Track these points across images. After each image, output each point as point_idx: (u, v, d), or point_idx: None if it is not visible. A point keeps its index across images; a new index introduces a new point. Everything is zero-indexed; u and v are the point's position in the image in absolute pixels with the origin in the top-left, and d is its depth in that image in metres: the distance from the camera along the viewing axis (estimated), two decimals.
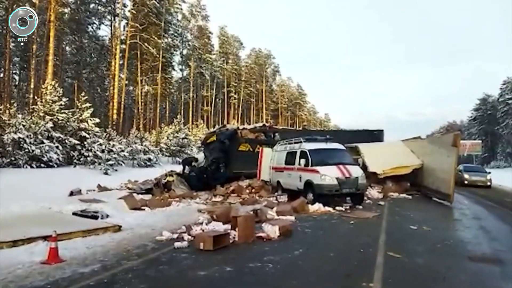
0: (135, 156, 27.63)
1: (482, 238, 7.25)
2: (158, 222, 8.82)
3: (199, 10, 60.47)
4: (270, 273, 5.00)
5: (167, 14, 49.03)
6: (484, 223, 9.02)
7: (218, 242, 6.12)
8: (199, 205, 11.98)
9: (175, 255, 5.89)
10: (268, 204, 10.93)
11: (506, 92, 60.55)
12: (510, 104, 57.68)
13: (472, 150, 56.46)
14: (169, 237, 6.97)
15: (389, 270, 5.00)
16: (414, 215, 9.92)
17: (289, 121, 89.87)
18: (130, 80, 46.33)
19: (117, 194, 12.91)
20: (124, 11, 41.76)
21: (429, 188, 13.79)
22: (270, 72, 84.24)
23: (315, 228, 8.04)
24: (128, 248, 6.32)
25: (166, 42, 48.80)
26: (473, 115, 70.85)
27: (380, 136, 19.92)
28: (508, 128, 57.79)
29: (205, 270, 5.03)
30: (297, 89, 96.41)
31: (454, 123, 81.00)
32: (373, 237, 7.02)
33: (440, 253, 6.06)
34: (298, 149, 12.55)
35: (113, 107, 36.51)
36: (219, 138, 17.53)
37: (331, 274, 5.01)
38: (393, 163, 15.11)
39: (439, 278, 4.81)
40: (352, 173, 11.24)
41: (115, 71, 37.81)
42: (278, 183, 13.70)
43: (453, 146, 12.43)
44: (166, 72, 49.99)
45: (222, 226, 7.49)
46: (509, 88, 59.91)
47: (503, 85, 62.16)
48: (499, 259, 5.66)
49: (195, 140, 39.51)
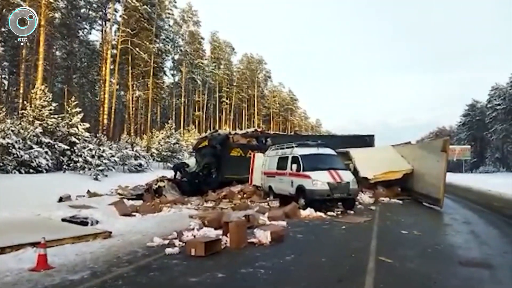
0: (126, 162, 27.40)
1: (472, 243, 7.32)
2: (149, 228, 8.74)
3: (191, 15, 60.61)
4: (262, 279, 4.98)
5: (159, 20, 48.97)
6: (474, 227, 9.10)
7: (209, 248, 6.08)
8: (191, 211, 11.90)
9: (166, 261, 5.83)
10: (260, 209, 10.91)
11: (494, 98, 61.55)
12: (498, 110, 58.63)
13: (461, 155, 57.24)
14: (160, 243, 6.91)
15: (380, 275, 5.01)
16: (405, 219, 9.99)
17: (280, 126, 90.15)
18: (121, 85, 46.06)
19: (107, 200, 12.76)
20: (115, 16, 41.66)
21: (420, 193, 13.91)
22: (261, 78, 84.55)
23: (307, 233, 8.04)
24: (119, 254, 6.24)
25: (157, 47, 48.68)
26: (462, 120, 71.86)
27: (371, 141, 20.07)
28: (497, 133, 58.69)
29: (197, 276, 4.99)
30: (289, 95, 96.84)
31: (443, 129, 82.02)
32: (365, 242, 7.04)
33: (430, 258, 6.10)
34: (289, 154, 12.58)
35: (103, 112, 36.24)
36: (210, 143, 17.50)
37: (322, 280, 5.00)
38: (384, 168, 15.21)
39: (430, 283, 4.84)
40: (344, 178, 11.29)
41: (106, 76, 37.58)
42: (270, 188, 13.69)
43: (442, 151, 12.56)
44: (158, 77, 49.83)
45: (213, 232, 7.45)
46: (497, 94, 60.93)
47: (491, 91, 63.20)
48: (489, 263, 5.70)
49: (187, 145, 39.37)
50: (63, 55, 42.18)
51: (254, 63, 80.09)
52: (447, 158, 12.93)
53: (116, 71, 41.46)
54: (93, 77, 43.81)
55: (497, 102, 59.71)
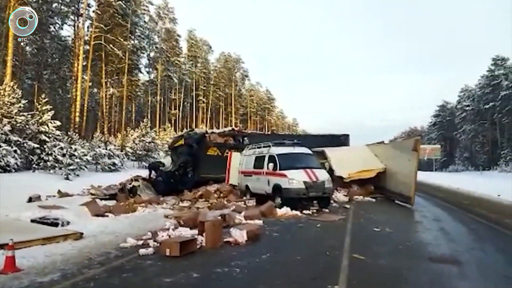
0: (99, 161, 26.73)
1: (442, 240, 7.55)
2: (122, 228, 8.57)
3: (167, 12, 59.73)
4: (237, 278, 4.98)
5: (134, 16, 47.98)
6: (443, 224, 9.41)
7: (185, 248, 6.03)
8: (166, 211, 11.76)
9: (140, 262, 5.74)
10: (236, 208, 10.90)
11: (463, 99, 63.97)
12: (467, 110, 60.96)
13: (432, 154, 59.10)
14: (134, 244, 6.78)
15: (353, 272, 5.12)
16: (377, 217, 10.22)
17: (258, 125, 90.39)
18: (94, 82, 44.87)
19: (79, 200, 12.41)
20: (88, 11, 40.46)
21: (392, 191, 14.26)
22: (239, 77, 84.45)
23: (282, 232, 8.09)
24: (90, 256, 6.09)
25: (132, 44, 47.73)
26: (433, 121, 74.28)
27: (346, 141, 20.42)
28: (465, 133, 61.01)
29: (171, 277, 4.93)
30: (266, 94, 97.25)
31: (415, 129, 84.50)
32: (339, 240, 7.16)
33: (402, 255, 6.27)
34: (266, 153, 12.62)
35: (75, 109, 35.19)
36: (187, 142, 17.31)
37: (297, 278, 5.05)
38: (358, 167, 15.51)
39: (401, 279, 4.98)
40: (319, 177, 11.44)
41: (78, 73, 36.49)
42: (247, 188, 13.69)
43: (413, 150, 12.95)
44: (132, 75, 48.88)
45: (189, 232, 7.39)
46: (466, 95, 63.34)
47: (461, 92, 65.66)
48: (457, 259, 5.91)
49: (162, 144, 38.80)
50: (33, 51, 40.57)
51: (232, 62, 79.86)
52: (418, 157, 13.36)
53: (89, 68, 40.31)
54: (64, 74, 42.39)
55: (466, 103, 62.09)
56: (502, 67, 55.55)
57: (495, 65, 56.69)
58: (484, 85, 57.59)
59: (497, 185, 19.51)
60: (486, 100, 55.94)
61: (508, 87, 51.27)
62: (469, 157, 61.42)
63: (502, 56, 56.43)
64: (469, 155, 61.56)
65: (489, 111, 55.47)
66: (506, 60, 55.60)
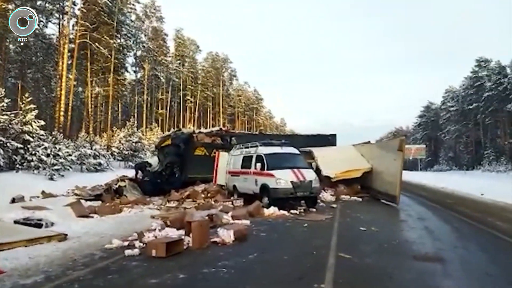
0: (84, 161, 26.38)
1: (426, 238, 7.65)
2: (107, 229, 8.46)
3: (154, 11, 59.10)
4: (224, 278, 4.96)
5: (120, 14, 47.35)
6: (427, 223, 9.55)
7: (171, 249, 5.98)
8: (153, 211, 11.67)
9: (125, 263, 5.67)
10: (223, 208, 10.87)
11: (447, 100, 65.15)
12: (451, 111, 62.09)
13: (417, 154, 60.07)
14: (119, 245, 6.70)
15: (340, 271, 5.15)
16: (363, 216, 10.32)
17: (246, 125, 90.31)
18: (79, 81, 44.14)
19: (64, 201, 12.17)
20: (73, 9, 39.78)
21: (378, 190, 14.42)
22: (227, 76, 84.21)
23: (270, 232, 8.10)
24: (74, 257, 6.00)
25: (118, 43, 47.11)
26: (418, 121, 75.45)
27: (333, 141, 20.57)
28: (450, 133, 62.15)
29: (157, 278, 4.89)
30: (254, 94, 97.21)
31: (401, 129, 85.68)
32: (326, 239, 7.21)
33: (387, 253, 6.35)
34: (254, 153, 12.63)
35: (60, 108, 34.57)
36: (174, 142, 17.22)
37: (284, 277, 5.06)
38: (345, 167, 15.65)
39: (386, 277, 5.04)
40: (306, 177, 11.49)
41: (63, 71, 35.85)
42: (234, 187, 13.68)
43: (399, 150, 13.14)
44: (119, 74, 48.22)
45: (176, 232, 7.32)
46: (451, 96, 64.51)
47: (445, 93, 66.88)
48: (441, 258, 6.00)
49: (149, 144, 38.48)
50: (17, 49, 39.82)
51: (219, 62, 79.60)
52: (403, 157, 13.55)
53: (74, 67, 39.60)
54: (49, 73, 41.69)
55: (450, 104, 63.25)
56: (485, 68, 56.79)
57: (478, 66, 57.90)
58: (468, 86, 58.78)
59: (481, 185, 19.94)
60: (470, 101, 57.10)
61: (491, 88, 52.41)
62: (453, 157, 62.62)
63: (485, 58, 57.77)
64: (453, 155, 62.77)
65: (473, 112, 56.62)
66: (489, 61, 56.89)
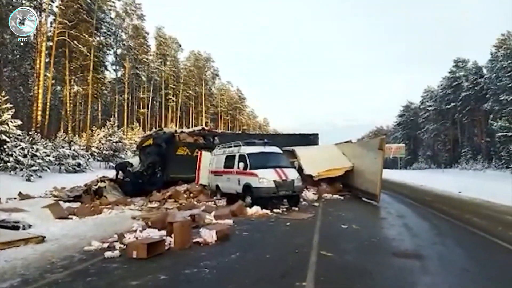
0: (63, 161, 25.83)
1: (405, 235, 7.81)
2: (87, 231, 8.28)
3: (134, 9, 58.20)
4: (206, 278, 4.93)
5: (99, 12, 46.53)
6: (407, 220, 9.74)
7: (152, 250, 5.90)
8: (134, 212, 11.49)
9: (105, 265, 5.56)
10: (206, 208, 10.82)
11: (426, 100, 66.65)
12: (429, 111, 63.54)
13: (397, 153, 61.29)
14: (99, 246, 6.57)
15: (321, 269, 5.20)
16: (345, 214, 10.44)
17: (229, 124, 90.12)
18: (57, 79, 43.15)
19: (42, 203, 11.85)
20: (51, 6, 38.78)
21: (359, 188, 14.62)
22: (209, 76, 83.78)
23: (252, 231, 8.10)
24: (53, 260, 5.84)
25: (98, 41, 46.27)
26: (397, 120, 76.90)
27: (315, 140, 20.72)
28: (428, 132, 63.59)
29: (138, 279, 4.81)
30: (237, 93, 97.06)
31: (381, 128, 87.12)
32: (308, 238, 7.25)
33: (367, 250, 6.44)
34: (237, 152, 12.61)
35: (37, 108, 33.70)
36: (155, 142, 17.03)
37: (266, 276, 5.07)
38: (327, 165, 15.79)
39: (366, 274, 5.11)
40: (289, 176, 11.54)
41: (40, 70, 34.94)
42: (217, 187, 13.62)
43: (379, 149, 13.34)
44: (98, 72, 47.38)
45: (157, 233, 7.24)
46: (429, 96, 66.02)
47: (424, 93, 68.41)
48: (420, 254, 6.13)
49: (130, 144, 37.96)
50: None
51: (202, 61, 79.14)
52: (384, 156, 13.77)
53: (52, 65, 38.72)
54: (26, 71, 40.46)
55: (429, 103, 64.72)
56: (462, 69, 58.30)
57: (456, 67, 59.40)
58: (446, 86, 60.24)
59: (458, 182, 20.50)
60: (448, 101, 58.55)
61: (468, 88, 53.88)
62: (432, 155, 64.11)
63: (463, 58, 59.31)
64: (432, 154, 64.26)
65: (451, 111, 58.10)
66: (466, 62, 58.45)
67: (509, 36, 49.96)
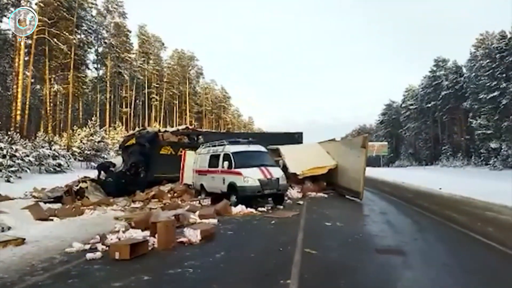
0: (43, 162, 25.24)
1: (388, 232, 7.94)
2: (68, 232, 8.12)
3: (116, 6, 57.14)
4: (190, 278, 4.90)
5: (80, 9, 45.58)
6: (389, 217, 9.91)
7: (135, 251, 5.82)
8: (116, 213, 11.33)
9: (87, 267, 5.46)
10: (190, 208, 10.74)
11: (407, 98, 67.92)
12: (411, 109, 64.76)
13: (380, 151, 62.19)
14: (81, 248, 6.45)
15: (305, 266, 5.23)
16: (329, 212, 10.54)
17: (213, 123, 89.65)
18: (37, 78, 42.09)
19: (21, 204, 11.53)
20: (30, 3, 37.83)
21: (343, 186, 14.78)
22: (193, 74, 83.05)
23: (237, 230, 8.10)
24: (33, 262, 5.71)
25: (78, 39, 45.35)
26: (380, 119, 78.07)
27: (299, 138, 20.84)
28: (410, 130, 64.82)
29: (120, 281, 4.74)
30: (221, 92, 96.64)
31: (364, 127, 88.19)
32: (292, 236, 7.29)
33: (351, 247, 6.53)
34: (221, 151, 12.56)
35: (16, 107, 32.84)
36: (138, 141, 16.83)
37: (251, 275, 5.08)
38: (311, 164, 15.89)
39: (349, 270, 5.18)
40: (274, 175, 11.57)
41: (19, 68, 34.04)
42: (202, 187, 13.54)
43: (362, 147, 13.51)
44: (79, 71, 46.47)
45: (140, 234, 7.16)
46: (410, 95, 67.27)
47: (405, 92, 69.66)
48: (402, 250, 6.24)
49: (113, 144, 37.39)
50: None
51: (185, 59, 78.41)
52: (367, 154, 13.95)
53: (31, 63, 37.74)
54: (4, 69, 39.38)
55: (410, 102, 65.98)
56: (443, 68, 59.63)
57: (436, 66, 60.71)
58: (427, 85, 61.55)
59: (439, 179, 20.95)
60: (428, 99, 59.82)
61: (448, 87, 55.15)
62: (413, 153, 65.39)
63: (443, 58, 60.68)
64: (413, 151, 65.54)
65: (431, 110, 59.36)
66: (446, 61, 59.81)
67: (488, 36, 51.36)
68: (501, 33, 46.60)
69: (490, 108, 45.09)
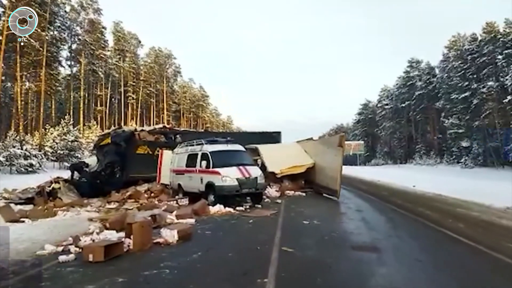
0: (14, 162, 24.40)
1: (363, 229, 8.09)
2: (40, 234, 7.86)
3: (90, 2, 55.66)
4: (167, 279, 4.85)
5: (53, 5, 44.25)
6: (365, 214, 10.11)
7: (110, 252, 5.70)
8: (90, 214, 11.05)
9: (59, 270, 5.31)
10: (168, 208, 10.60)
11: (383, 98, 69.36)
12: (386, 109, 66.18)
13: (357, 150, 63.34)
14: (53, 250, 6.27)
15: (282, 265, 5.27)
16: (307, 210, 10.65)
17: (192, 122, 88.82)
18: (7, 75, 40.59)
19: None
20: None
21: (320, 185, 14.96)
22: (171, 73, 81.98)
23: (215, 230, 8.06)
24: (3, 265, 5.46)
25: (51, 35, 44.00)
26: (357, 118, 79.41)
27: (278, 138, 20.97)
28: (385, 130, 66.23)
29: (94, 283, 4.63)
30: (200, 91, 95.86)
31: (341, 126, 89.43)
32: (270, 234, 7.32)
33: (327, 245, 6.63)
34: (199, 151, 12.48)
35: None
36: (114, 140, 16.48)
37: (228, 274, 5.07)
38: (290, 163, 16.02)
39: (325, 268, 5.26)
40: (252, 174, 11.58)
41: None
42: (179, 186, 13.42)
43: (339, 146, 13.70)
44: (52, 68, 45.10)
45: (115, 235, 7.02)
46: (386, 95, 68.73)
47: (381, 92, 71.13)
48: (377, 247, 6.38)
49: (87, 143, 36.51)
50: None
51: (163, 57, 77.30)
52: (343, 153, 14.16)
53: (1, 60, 36.34)
54: None
55: (385, 102, 67.41)
56: (416, 69, 61.28)
57: (410, 67, 62.35)
58: (401, 85, 63.12)
59: (413, 177, 21.54)
60: (403, 99, 61.37)
61: (421, 87, 56.75)
62: (389, 151, 66.89)
63: (417, 59, 62.39)
64: (389, 150, 67.04)
65: (405, 109, 60.90)
66: (420, 62, 61.54)
67: (460, 38, 53.09)
68: (472, 36, 48.33)
69: (461, 108, 46.64)
